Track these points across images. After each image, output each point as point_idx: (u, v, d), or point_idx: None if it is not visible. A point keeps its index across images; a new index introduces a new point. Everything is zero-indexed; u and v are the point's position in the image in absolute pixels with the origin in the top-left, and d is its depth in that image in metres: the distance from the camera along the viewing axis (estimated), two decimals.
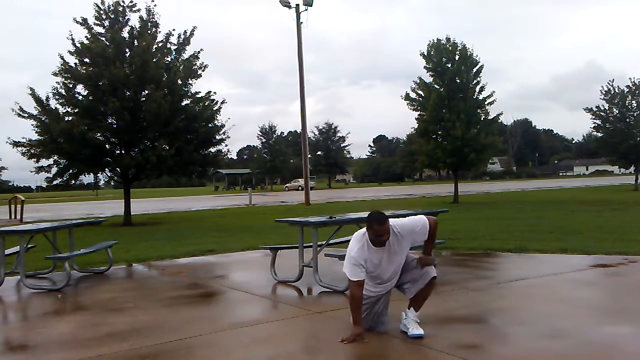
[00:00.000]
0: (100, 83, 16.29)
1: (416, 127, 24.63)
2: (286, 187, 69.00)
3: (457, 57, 23.08)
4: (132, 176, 17.80)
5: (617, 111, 30.70)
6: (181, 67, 17.44)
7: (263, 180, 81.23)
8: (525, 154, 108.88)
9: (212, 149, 18.51)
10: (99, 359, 3.85)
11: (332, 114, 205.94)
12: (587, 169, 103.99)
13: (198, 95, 17.90)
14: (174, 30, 17.59)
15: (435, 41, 23.58)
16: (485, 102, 23.42)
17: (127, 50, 17.01)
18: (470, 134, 22.28)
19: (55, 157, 16.72)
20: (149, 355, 3.89)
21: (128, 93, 16.59)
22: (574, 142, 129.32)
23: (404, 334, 4.08)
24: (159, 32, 17.56)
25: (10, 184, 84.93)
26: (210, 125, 17.94)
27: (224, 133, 18.23)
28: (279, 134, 78.02)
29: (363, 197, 33.29)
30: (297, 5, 29.00)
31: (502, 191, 35.80)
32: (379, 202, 26.03)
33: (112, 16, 17.14)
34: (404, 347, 3.89)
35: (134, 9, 17.34)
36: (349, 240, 7.72)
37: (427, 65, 23.58)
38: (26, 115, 16.31)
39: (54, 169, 16.91)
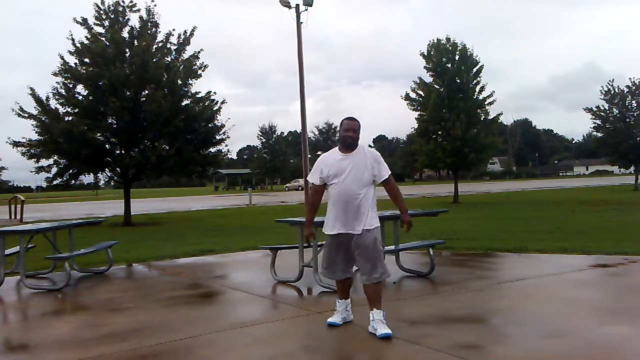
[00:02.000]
0: (100, 83, 16.30)
1: (416, 127, 24.66)
2: (286, 187, 68.96)
3: (457, 57, 23.11)
4: (132, 176, 17.81)
5: (617, 111, 30.75)
6: (181, 67, 17.45)
7: (263, 180, 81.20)
8: (525, 154, 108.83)
9: (212, 149, 18.53)
10: (99, 359, 3.86)
11: (332, 114, 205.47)
12: (587, 169, 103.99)
13: (198, 95, 17.93)
14: (174, 30, 17.66)
15: (435, 41, 23.61)
16: (485, 102, 23.45)
17: (127, 50, 17.01)
18: (470, 134, 22.30)
19: (55, 157, 16.73)
20: (149, 355, 3.89)
21: (128, 93, 16.60)
22: (574, 142, 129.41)
23: (372, 336, 4.11)
24: (159, 32, 17.62)
25: (10, 184, 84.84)
26: (210, 125, 17.95)
27: (224, 133, 18.27)
28: (279, 134, 78.01)
29: None
30: (297, 5, 28.97)
31: (502, 191, 35.81)
32: (379, 202, 25.96)
33: (112, 16, 17.16)
34: (404, 347, 3.89)
35: (134, 9, 17.36)
36: None
37: (427, 65, 23.61)
38: (26, 115, 16.32)
39: (54, 169, 16.92)
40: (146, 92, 16.49)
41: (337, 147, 4.49)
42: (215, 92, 18.05)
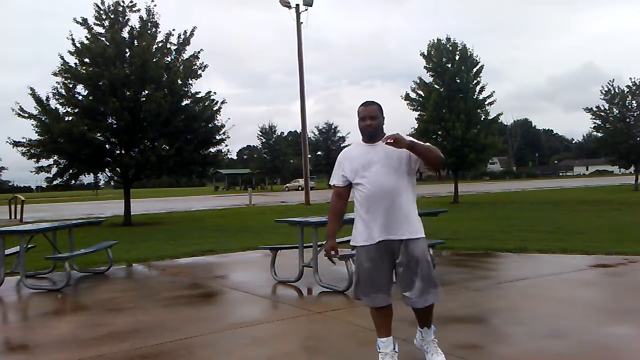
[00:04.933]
0: (100, 83, 16.28)
1: (416, 127, 24.64)
2: (286, 187, 68.97)
3: (457, 57, 23.09)
4: (132, 176, 17.80)
5: (617, 111, 30.73)
6: (181, 67, 17.44)
7: (263, 180, 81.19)
8: (525, 154, 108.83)
9: (212, 149, 18.52)
10: (99, 359, 3.86)
11: (332, 114, 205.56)
12: (587, 169, 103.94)
13: (198, 95, 17.92)
14: (173, 30, 17.63)
15: (436, 41, 23.59)
16: (485, 102, 23.44)
17: (127, 50, 17.00)
18: (470, 134, 22.28)
19: (55, 157, 16.72)
20: (149, 355, 3.89)
21: (128, 93, 16.59)
22: (574, 142, 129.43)
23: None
24: (159, 32, 17.59)
25: (10, 184, 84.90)
26: (210, 125, 17.95)
27: (224, 133, 18.27)
28: (279, 134, 78.06)
29: None
30: (297, 5, 29.02)
31: (502, 191, 35.80)
32: None
33: (112, 16, 17.15)
34: (404, 347, 3.89)
35: (134, 9, 17.35)
36: (348, 240, 7.68)
37: (427, 65, 23.60)
38: (26, 115, 16.31)
39: (54, 169, 16.91)
40: (146, 92, 16.48)
41: (361, 139, 3.56)
42: (215, 92, 18.08)
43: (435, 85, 23.49)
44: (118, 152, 17.38)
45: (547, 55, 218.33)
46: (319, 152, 73.26)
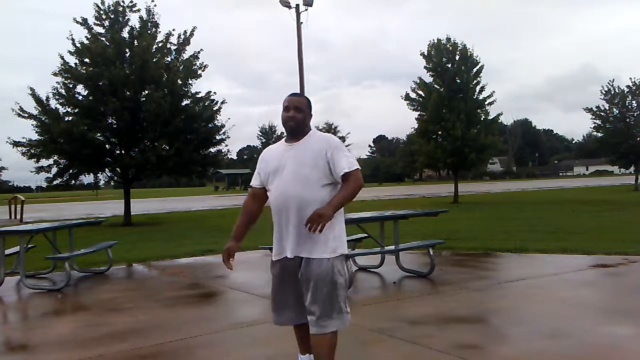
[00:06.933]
0: (100, 83, 16.29)
1: (416, 127, 24.66)
2: None
3: (457, 57, 23.11)
4: (132, 176, 17.81)
5: (617, 111, 30.74)
6: (181, 67, 17.45)
7: None
8: (525, 154, 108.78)
9: (212, 149, 18.54)
10: (99, 359, 3.86)
11: (333, 114, 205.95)
12: (587, 169, 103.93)
13: (198, 96, 17.93)
14: (173, 30, 17.63)
15: (436, 41, 23.61)
16: (485, 102, 23.45)
17: (127, 50, 17.01)
18: (470, 134, 22.30)
19: (55, 157, 16.73)
20: (149, 355, 3.89)
21: (128, 93, 16.59)
22: (574, 142, 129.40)
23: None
24: (159, 32, 17.59)
25: (10, 184, 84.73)
26: (210, 125, 17.97)
27: (224, 133, 18.29)
28: (279, 134, 78.10)
29: (363, 197, 33.24)
30: (297, 5, 29.01)
31: (502, 191, 35.80)
32: (379, 202, 26.04)
33: (112, 16, 17.15)
34: (404, 347, 3.89)
35: (134, 9, 17.34)
36: (348, 240, 7.71)
37: (428, 65, 23.61)
38: (26, 115, 16.31)
39: (54, 169, 16.92)
40: (146, 92, 16.49)
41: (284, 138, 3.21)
42: (215, 92, 18.08)
43: (436, 86, 23.50)
44: (118, 152, 17.39)
45: (546, 56, 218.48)
46: None
